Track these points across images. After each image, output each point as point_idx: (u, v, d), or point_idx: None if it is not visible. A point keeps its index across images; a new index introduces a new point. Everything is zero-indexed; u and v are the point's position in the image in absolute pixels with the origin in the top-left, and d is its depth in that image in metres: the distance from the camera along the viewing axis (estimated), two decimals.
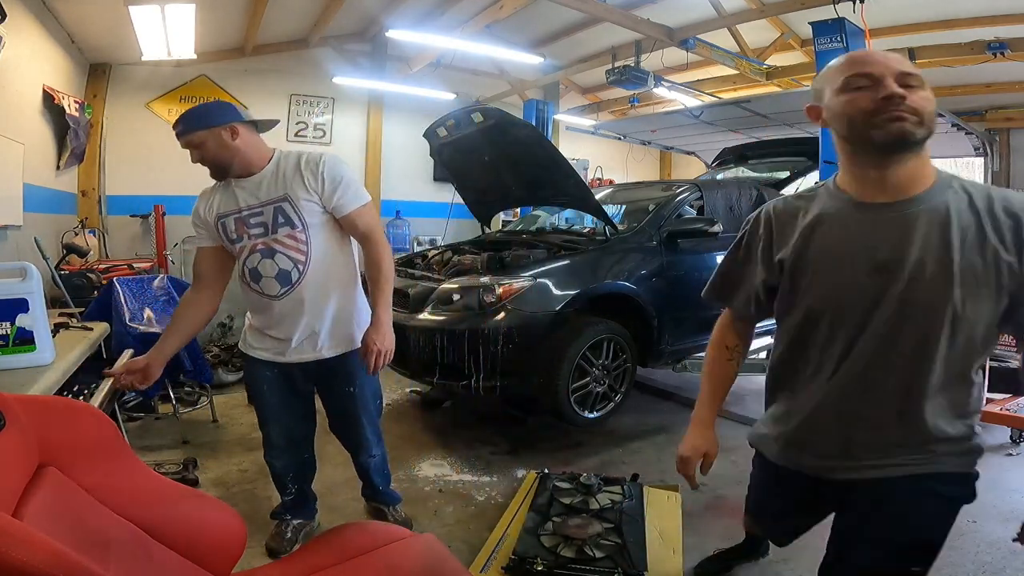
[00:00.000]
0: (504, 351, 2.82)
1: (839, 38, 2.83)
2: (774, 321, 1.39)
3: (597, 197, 4.94)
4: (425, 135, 3.97)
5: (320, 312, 1.96)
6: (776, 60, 5.83)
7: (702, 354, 3.76)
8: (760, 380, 1.62)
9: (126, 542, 1.13)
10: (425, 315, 3.02)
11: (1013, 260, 1.09)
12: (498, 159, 3.64)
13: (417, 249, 6.41)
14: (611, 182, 8.26)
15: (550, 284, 3.00)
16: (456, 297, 2.95)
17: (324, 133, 6.36)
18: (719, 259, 1.46)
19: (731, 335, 1.48)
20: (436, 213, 6.62)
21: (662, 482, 2.74)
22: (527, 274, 2.98)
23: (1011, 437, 3.32)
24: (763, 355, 3.76)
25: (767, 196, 4.30)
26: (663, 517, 2.39)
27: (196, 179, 5.89)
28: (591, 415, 3.22)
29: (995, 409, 3.43)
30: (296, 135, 6.20)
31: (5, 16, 2.20)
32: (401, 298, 3.24)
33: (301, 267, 1.90)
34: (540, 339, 2.92)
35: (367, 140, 6.65)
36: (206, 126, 1.83)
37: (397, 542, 1.38)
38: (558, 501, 2.38)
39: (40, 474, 1.11)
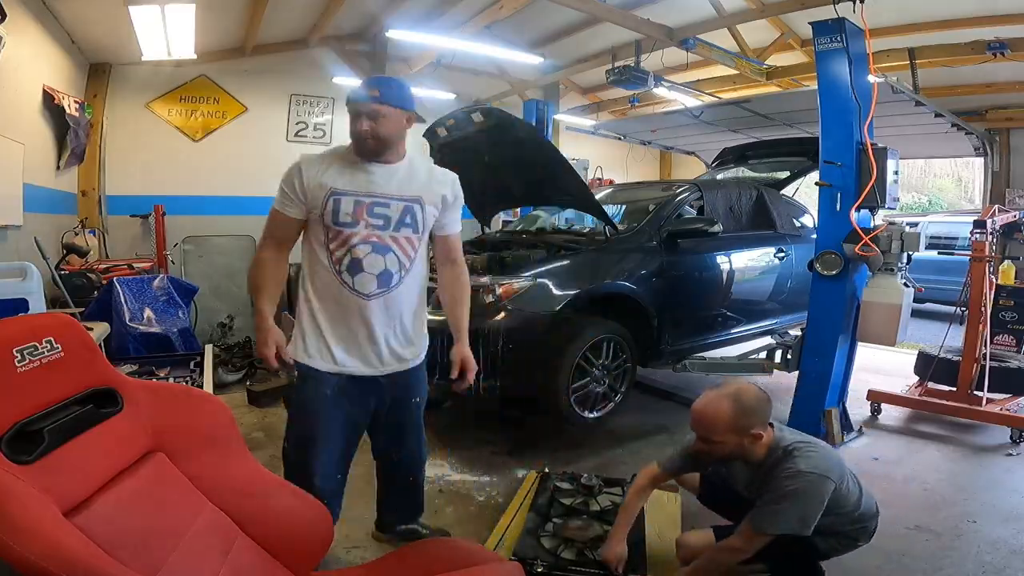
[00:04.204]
0: (504, 351, 2.81)
1: (839, 38, 2.83)
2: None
3: (599, 196, 4.99)
4: (425, 135, 3.95)
5: (404, 320, 1.88)
6: (776, 60, 5.84)
7: (702, 354, 3.84)
8: (759, 380, 1.71)
9: (205, 533, 1.15)
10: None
11: None
12: (498, 159, 3.63)
13: None
14: (611, 182, 8.25)
15: (550, 284, 3.00)
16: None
17: (324, 133, 6.37)
18: (719, 260, 1.48)
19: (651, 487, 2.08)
20: None
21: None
22: (527, 274, 2.98)
23: (1011, 437, 3.31)
24: (762, 355, 3.76)
25: (767, 196, 4.30)
26: (663, 519, 2.39)
27: (196, 179, 5.91)
28: (591, 415, 3.22)
29: (995, 409, 3.44)
30: (296, 135, 6.20)
31: (5, 16, 2.20)
32: None
33: (403, 272, 1.81)
34: (540, 339, 2.91)
35: None
36: (403, 106, 1.74)
37: (484, 566, 1.35)
38: (558, 502, 2.38)
39: (146, 458, 1.16)
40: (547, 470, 2.68)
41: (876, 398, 3.76)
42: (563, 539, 2.12)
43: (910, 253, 2.99)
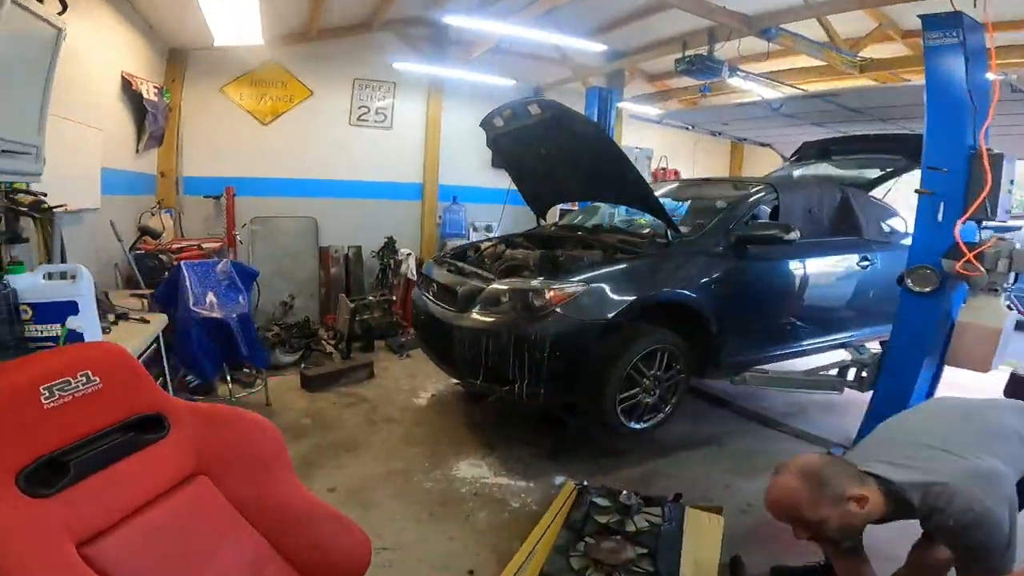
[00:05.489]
0: (550, 358, 2.70)
1: (955, 33, 2.46)
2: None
3: (662, 192, 4.72)
4: (482, 124, 3.86)
5: None
6: (872, 52, 5.27)
7: (764, 367, 3.57)
8: (828, 397, 1.52)
9: (238, 556, 1.16)
10: (473, 315, 2.94)
11: None
12: (555, 152, 3.49)
13: (472, 236, 6.38)
14: (676, 173, 7.90)
15: (604, 290, 2.84)
16: (504, 299, 2.85)
17: (385, 117, 6.39)
18: (793, 268, 1.30)
19: None
20: (492, 199, 6.51)
21: (706, 501, 2.57)
22: (579, 278, 2.84)
23: None
24: (834, 372, 3.44)
25: (853, 199, 3.92)
26: (702, 543, 2.22)
27: (264, 162, 6.09)
28: (637, 426, 3.07)
29: None
30: (359, 119, 6.26)
31: (66, 7, 2.26)
32: (449, 296, 3.18)
33: None
34: (589, 347, 2.78)
35: (427, 124, 6.62)
36: None
37: None
38: (593, 519, 2.26)
39: (188, 481, 1.19)
40: (586, 482, 2.57)
41: None
42: (593, 560, 2.01)
43: (1020, 273, 2.61)
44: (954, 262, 2.58)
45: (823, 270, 3.70)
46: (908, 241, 4.04)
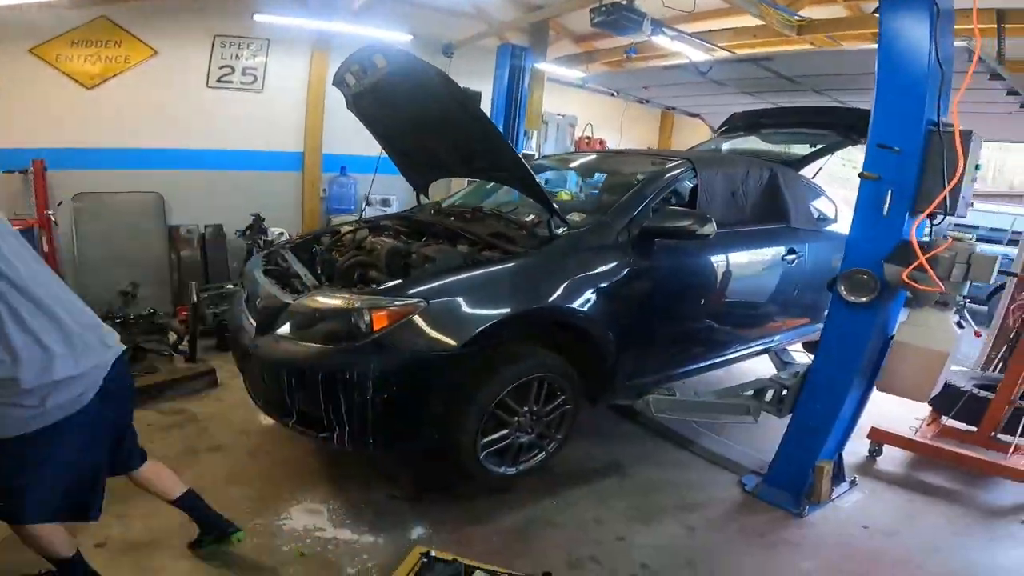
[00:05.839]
0: (376, 401, 1.97)
1: None
2: None
3: (574, 164, 4.02)
4: (335, 83, 3.05)
5: None
6: (812, 12, 4.67)
7: (670, 386, 2.88)
8: None
9: None
10: (272, 340, 2.18)
11: None
12: (419, 116, 2.70)
13: (368, 211, 5.48)
14: (602, 143, 7.25)
15: (455, 305, 2.11)
16: (318, 321, 2.10)
17: (255, 79, 5.33)
18: (709, 266, 0.64)
19: None
20: (392, 170, 5.66)
21: (593, 564, 2.10)
22: (418, 289, 2.09)
23: None
24: (750, 392, 2.89)
25: (782, 180, 3.34)
26: None
27: (88, 130, 4.86)
28: (511, 470, 2.42)
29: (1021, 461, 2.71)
30: (220, 80, 5.17)
31: None
32: (251, 307, 2.39)
33: None
34: (432, 384, 2.07)
35: (309, 86, 5.60)
36: None
37: None
38: None
39: None
40: (433, 552, 1.94)
41: (879, 438, 3.06)
42: None
43: (977, 284, 2.08)
44: (900, 268, 2.01)
45: (745, 267, 3.11)
46: (837, 228, 3.57)
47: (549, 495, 2.56)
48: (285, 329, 2.16)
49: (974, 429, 2.99)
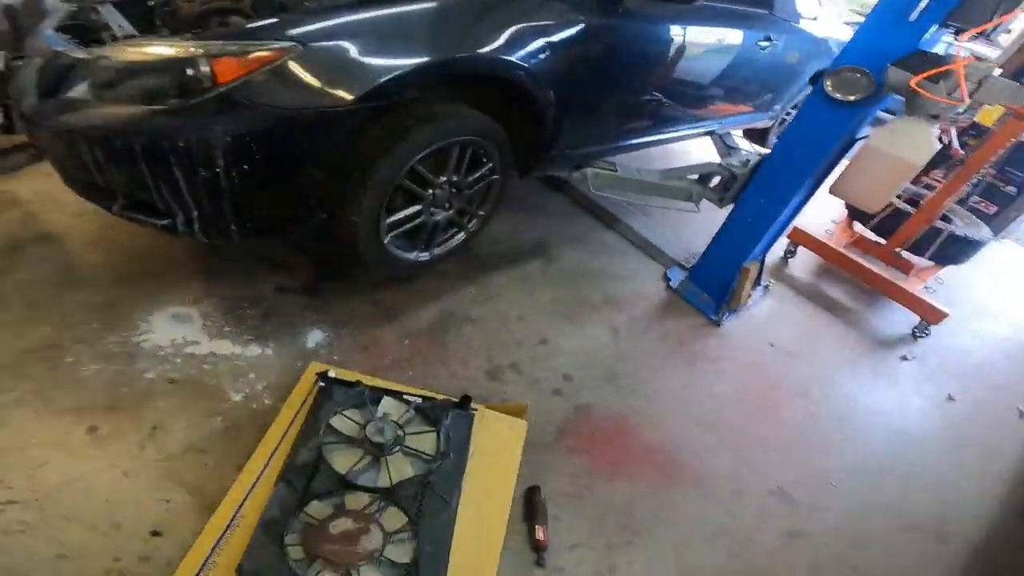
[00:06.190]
0: (235, 174, 1.44)
1: None
2: None
3: None
4: None
5: None
6: None
7: (611, 160, 2.56)
8: None
9: None
10: (62, 105, 1.47)
11: None
12: None
13: None
14: None
15: (343, 50, 1.48)
16: (130, 77, 1.39)
17: None
18: (681, 34, 0.59)
19: None
20: None
21: (513, 366, 2.00)
22: (294, 32, 1.41)
23: (913, 331, 2.85)
24: (695, 177, 2.65)
25: None
26: (491, 475, 1.59)
27: None
28: (424, 256, 2.14)
29: (916, 286, 2.90)
30: None
31: None
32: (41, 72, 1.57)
33: None
34: (319, 150, 1.56)
35: None
36: None
37: None
38: (327, 463, 1.45)
39: None
40: (332, 373, 1.69)
41: (798, 238, 3.13)
42: (313, 556, 1.26)
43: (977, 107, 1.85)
44: (908, 74, 1.71)
45: (715, 46, 2.61)
46: (804, 25, 3.14)
47: (468, 282, 2.33)
48: (82, 90, 1.42)
49: (883, 243, 3.04)
